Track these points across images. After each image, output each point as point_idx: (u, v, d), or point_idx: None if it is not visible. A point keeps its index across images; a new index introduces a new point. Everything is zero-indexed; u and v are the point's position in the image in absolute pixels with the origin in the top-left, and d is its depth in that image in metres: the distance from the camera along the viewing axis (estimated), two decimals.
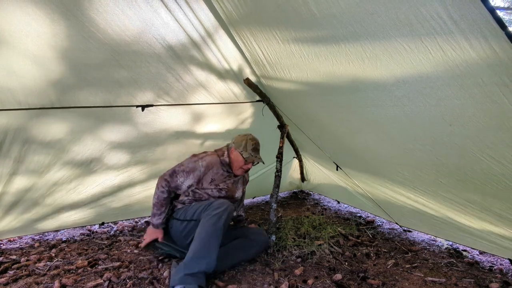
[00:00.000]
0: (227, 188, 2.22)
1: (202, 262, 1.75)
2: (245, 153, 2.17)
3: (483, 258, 2.27)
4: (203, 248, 1.78)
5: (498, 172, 1.48)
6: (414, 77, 1.34)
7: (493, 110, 1.21)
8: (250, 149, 2.18)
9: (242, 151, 2.17)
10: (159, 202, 2.12)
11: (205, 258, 1.76)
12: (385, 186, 2.47)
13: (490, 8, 0.93)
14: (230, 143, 2.27)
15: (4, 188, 2.25)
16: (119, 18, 1.77)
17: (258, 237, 2.26)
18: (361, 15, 1.23)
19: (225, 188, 2.21)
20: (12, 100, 1.91)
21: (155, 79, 2.19)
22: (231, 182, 2.26)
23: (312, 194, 4.26)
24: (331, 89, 1.88)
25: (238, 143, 2.20)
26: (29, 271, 2.08)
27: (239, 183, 2.35)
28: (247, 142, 2.19)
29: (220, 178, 2.20)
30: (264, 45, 1.93)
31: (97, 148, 2.41)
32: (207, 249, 1.78)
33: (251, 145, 2.18)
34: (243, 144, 2.19)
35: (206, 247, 1.78)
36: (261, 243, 2.24)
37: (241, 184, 2.37)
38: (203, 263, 1.75)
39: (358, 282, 1.95)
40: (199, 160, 2.16)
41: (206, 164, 2.15)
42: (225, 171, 2.23)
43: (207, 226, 1.84)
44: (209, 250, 1.78)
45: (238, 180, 2.33)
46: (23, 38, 1.69)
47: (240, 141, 2.20)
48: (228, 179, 2.24)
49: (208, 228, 1.83)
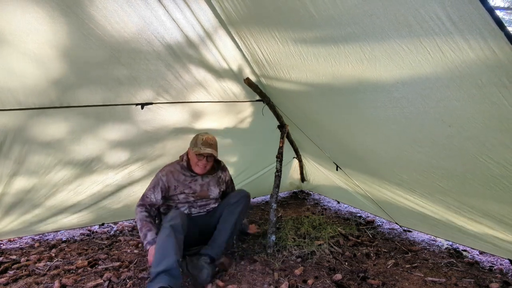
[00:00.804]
0: (194, 192, 2.26)
1: (160, 265, 1.76)
2: (195, 148, 2.16)
3: (483, 258, 2.27)
4: (159, 255, 1.80)
5: (497, 174, 1.48)
6: (413, 78, 1.33)
7: (492, 111, 1.20)
8: (200, 143, 2.16)
9: (193, 147, 2.18)
10: (144, 222, 2.10)
11: (162, 260, 1.78)
12: (384, 187, 2.47)
13: (489, 8, 0.92)
14: None
15: (5, 189, 2.25)
16: (118, 16, 1.77)
17: (236, 197, 2.27)
18: (360, 17, 1.23)
19: (191, 192, 2.25)
20: (12, 100, 1.91)
21: (155, 77, 2.19)
22: (198, 184, 2.28)
23: (312, 194, 4.26)
24: (330, 90, 1.87)
25: (191, 142, 2.24)
26: (29, 271, 2.09)
27: (212, 185, 2.34)
28: (197, 138, 2.21)
29: (183, 183, 2.23)
30: (264, 46, 1.93)
31: (97, 147, 2.41)
32: (162, 253, 1.81)
33: (201, 140, 2.18)
34: (194, 141, 2.22)
35: (161, 252, 1.81)
36: (241, 198, 2.26)
37: (215, 185, 2.36)
38: (162, 264, 1.76)
39: (358, 282, 1.95)
40: (159, 173, 2.23)
41: (165, 172, 2.21)
42: (188, 175, 2.26)
43: (160, 239, 1.87)
44: (164, 253, 1.81)
45: (208, 182, 2.33)
46: (23, 37, 1.69)
47: (193, 140, 2.23)
48: (194, 182, 2.26)
49: (161, 239, 1.87)
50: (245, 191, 2.34)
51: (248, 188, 2.57)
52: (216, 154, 2.22)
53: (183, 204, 2.25)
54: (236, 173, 3.43)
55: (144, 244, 2.00)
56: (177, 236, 1.88)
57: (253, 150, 3.37)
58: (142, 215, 2.12)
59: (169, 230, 1.87)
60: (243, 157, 3.38)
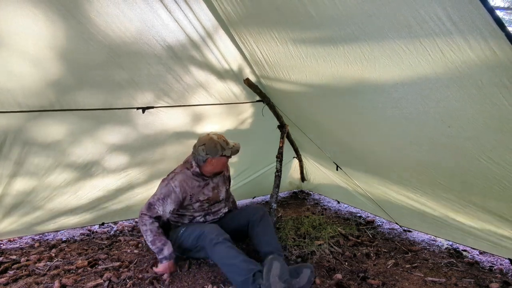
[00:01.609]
0: (208, 197, 2.22)
1: (248, 270, 1.78)
2: (226, 151, 2.09)
3: (483, 258, 2.27)
4: (241, 263, 1.81)
5: (497, 174, 1.48)
6: (413, 79, 1.33)
7: (493, 112, 1.20)
8: (226, 145, 2.10)
9: (223, 152, 2.08)
10: (156, 234, 2.00)
11: (247, 266, 1.79)
12: (384, 186, 2.47)
13: (489, 8, 0.92)
14: (199, 155, 2.10)
15: (4, 190, 2.25)
16: (119, 19, 1.77)
17: (257, 214, 2.21)
18: (360, 17, 1.23)
19: (206, 199, 2.21)
20: (12, 101, 1.91)
21: (155, 80, 2.19)
22: (210, 188, 2.24)
23: (312, 194, 4.25)
24: (330, 91, 1.87)
25: (213, 151, 2.06)
26: (29, 271, 2.09)
27: (220, 185, 2.31)
28: (219, 143, 2.07)
29: (197, 190, 2.16)
30: (263, 47, 1.93)
31: (98, 151, 2.41)
32: (241, 260, 1.83)
33: (223, 142, 2.09)
34: (218, 147, 2.07)
35: (240, 260, 1.83)
36: (264, 215, 2.21)
37: (222, 184, 2.34)
38: (250, 269, 1.78)
39: (358, 282, 1.95)
40: (170, 182, 2.08)
41: (179, 183, 2.08)
42: (200, 181, 2.18)
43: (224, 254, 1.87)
44: (243, 259, 1.83)
45: (217, 183, 2.29)
46: (23, 40, 1.69)
47: (213, 147, 2.06)
48: (206, 187, 2.21)
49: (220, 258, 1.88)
50: (262, 207, 2.31)
51: (248, 187, 2.58)
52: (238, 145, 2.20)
53: (199, 212, 2.21)
54: (236, 173, 3.43)
55: (159, 257, 1.96)
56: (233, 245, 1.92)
57: (253, 150, 3.37)
58: (153, 226, 2.01)
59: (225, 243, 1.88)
60: (243, 157, 3.36)
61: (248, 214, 2.24)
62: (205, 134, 2.15)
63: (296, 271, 1.84)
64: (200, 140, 2.13)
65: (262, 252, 2.04)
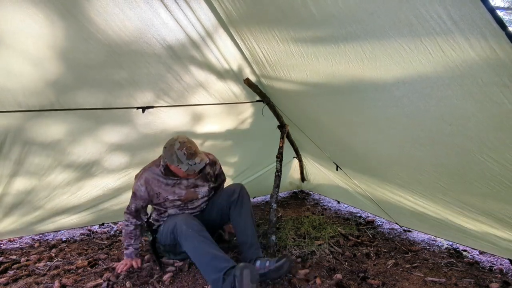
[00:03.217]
0: (181, 197, 2.09)
1: (218, 268, 1.73)
2: (182, 166, 1.85)
3: (483, 258, 2.27)
4: (210, 260, 1.77)
5: (498, 173, 1.47)
6: (413, 77, 1.33)
7: (493, 110, 1.20)
8: (184, 159, 1.84)
9: (178, 164, 1.86)
10: (127, 235, 2.10)
11: (219, 263, 1.76)
12: (384, 186, 2.47)
13: (490, 8, 0.92)
14: (163, 155, 1.97)
15: (4, 190, 2.25)
16: (118, 18, 1.77)
17: (235, 193, 2.14)
18: (361, 15, 1.23)
19: (177, 198, 2.08)
20: (12, 101, 1.91)
21: (155, 79, 2.18)
22: (183, 187, 2.09)
23: (312, 194, 4.25)
24: (331, 90, 1.87)
25: (169, 158, 1.89)
26: (29, 271, 2.08)
27: (199, 184, 2.16)
28: (176, 153, 1.85)
29: (165, 189, 2.04)
30: (264, 45, 1.93)
31: (98, 150, 2.41)
32: (212, 257, 1.78)
33: (183, 155, 1.84)
34: (174, 158, 1.86)
35: (210, 257, 1.78)
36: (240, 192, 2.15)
37: (202, 183, 2.17)
38: (221, 267, 1.74)
39: (358, 282, 1.95)
40: (137, 180, 2.02)
41: (144, 181, 2.00)
42: (170, 180, 2.05)
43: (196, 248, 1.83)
44: (214, 255, 1.79)
45: (195, 182, 2.14)
46: (23, 39, 1.69)
47: (170, 155, 1.87)
48: (177, 186, 2.07)
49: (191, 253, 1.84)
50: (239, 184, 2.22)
51: (248, 187, 2.56)
52: (204, 156, 1.91)
53: (173, 209, 2.11)
54: (236, 173, 3.43)
55: (124, 252, 2.09)
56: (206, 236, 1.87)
57: (253, 150, 3.38)
58: (127, 228, 2.10)
59: (195, 236, 1.83)
60: (243, 157, 3.38)
61: (227, 195, 2.15)
62: (174, 136, 1.96)
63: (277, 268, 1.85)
64: (168, 141, 1.97)
65: (238, 241, 2.05)
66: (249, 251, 2.01)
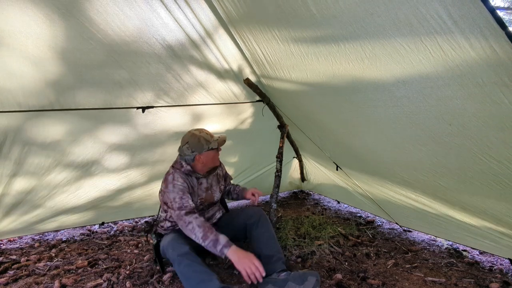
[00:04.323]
0: (201, 198, 2.09)
1: None
2: (212, 143, 1.96)
3: (483, 258, 2.27)
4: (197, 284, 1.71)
5: (498, 172, 1.48)
6: (414, 77, 1.33)
7: (493, 110, 1.20)
8: (209, 137, 1.98)
9: (209, 146, 1.95)
10: (207, 230, 1.80)
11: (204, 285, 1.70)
12: (384, 186, 2.47)
13: (490, 8, 0.92)
14: (185, 155, 1.98)
15: (4, 190, 2.25)
16: (118, 18, 1.77)
17: (253, 217, 2.11)
18: (361, 15, 1.23)
19: (199, 199, 2.08)
20: (12, 101, 1.91)
21: (155, 79, 2.18)
22: (203, 188, 2.10)
23: (312, 194, 4.25)
24: (331, 90, 1.87)
25: (197, 147, 1.94)
26: (29, 271, 2.08)
27: (214, 185, 2.18)
28: (199, 137, 1.95)
29: (193, 189, 2.05)
30: (264, 45, 1.93)
31: (97, 150, 2.41)
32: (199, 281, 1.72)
33: (206, 135, 1.98)
34: (202, 141, 1.95)
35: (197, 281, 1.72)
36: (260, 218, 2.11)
37: (216, 185, 2.21)
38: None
39: (358, 282, 1.95)
40: (174, 181, 1.96)
41: (182, 180, 1.96)
42: (193, 180, 2.05)
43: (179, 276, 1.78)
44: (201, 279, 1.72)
45: (211, 183, 2.16)
46: (23, 40, 1.69)
47: (197, 142, 1.94)
48: (199, 186, 2.08)
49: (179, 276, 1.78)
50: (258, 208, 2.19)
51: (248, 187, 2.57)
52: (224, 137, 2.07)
53: None
54: (236, 173, 3.43)
55: (219, 250, 1.73)
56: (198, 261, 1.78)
57: (253, 150, 3.38)
58: (198, 221, 1.83)
59: (183, 261, 1.75)
60: (244, 157, 3.38)
61: (245, 217, 2.15)
62: (185, 134, 2.04)
63: (301, 277, 1.78)
64: (183, 139, 2.01)
65: (263, 255, 1.95)
66: (275, 264, 1.93)
